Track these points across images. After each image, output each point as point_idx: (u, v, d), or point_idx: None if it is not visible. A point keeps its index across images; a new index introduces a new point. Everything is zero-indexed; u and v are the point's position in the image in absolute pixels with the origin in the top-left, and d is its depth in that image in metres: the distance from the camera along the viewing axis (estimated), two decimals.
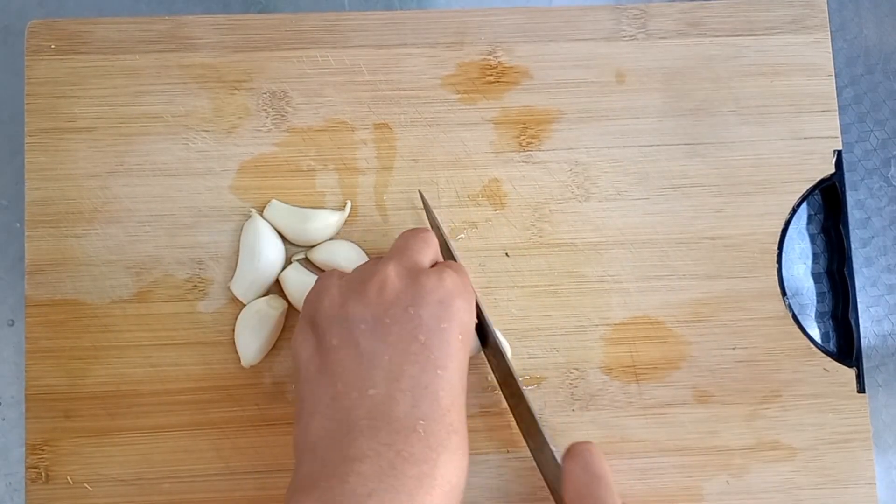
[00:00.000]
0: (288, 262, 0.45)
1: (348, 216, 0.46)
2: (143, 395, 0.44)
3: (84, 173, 0.46)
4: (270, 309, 0.44)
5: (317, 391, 0.35)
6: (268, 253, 0.44)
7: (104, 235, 0.45)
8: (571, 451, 0.39)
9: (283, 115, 0.46)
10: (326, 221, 0.45)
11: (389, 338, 0.35)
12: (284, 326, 0.45)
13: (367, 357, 0.35)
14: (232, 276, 0.45)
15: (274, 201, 0.46)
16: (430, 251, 0.39)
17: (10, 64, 0.49)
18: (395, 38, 0.47)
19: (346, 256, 0.45)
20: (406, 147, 0.47)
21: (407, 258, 0.38)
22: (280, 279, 0.45)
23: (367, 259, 0.45)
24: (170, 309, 0.45)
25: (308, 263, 0.46)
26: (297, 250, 0.46)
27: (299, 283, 0.44)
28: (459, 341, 0.35)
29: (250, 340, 0.44)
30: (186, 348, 0.45)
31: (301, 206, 0.46)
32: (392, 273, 0.36)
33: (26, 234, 0.45)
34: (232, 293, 0.45)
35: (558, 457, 0.40)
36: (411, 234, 0.39)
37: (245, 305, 0.44)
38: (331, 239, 0.46)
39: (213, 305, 0.45)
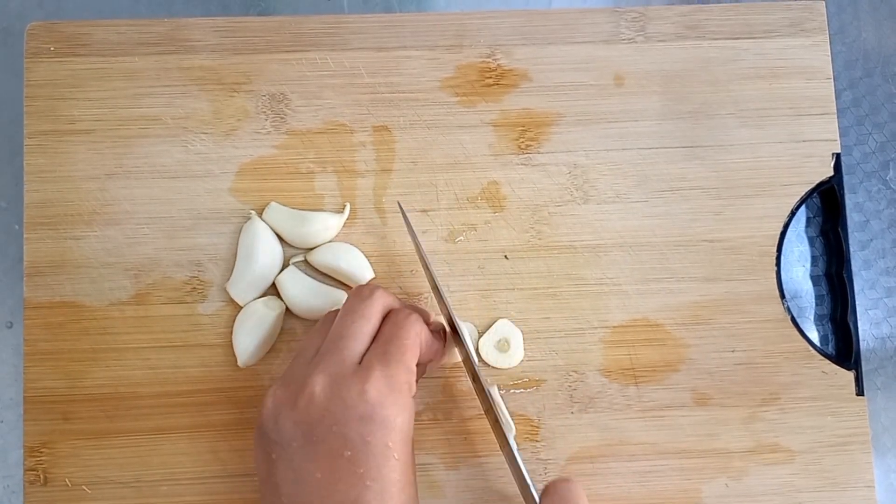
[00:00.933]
0: (286, 265, 0.45)
1: (347, 218, 0.46)
2: (142, 398, 0.44)
3: (83, 175, 0.46)
4: (268, 310, 0.44)
5: (267, 496, 0.37)
6: (265, 255, 0.44)
7: (103, 237, 0.45)
8: (549, 489, 0.38)
9: (282, 118, 0.46)
10: (325, 224, 0.45)
11: (318, 456, 0.36)
12: (283, 328, 0.45)
13: (301, 473, 0.36)
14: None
15: (273, 203, 0.46)
16: (368, 328, 0.39)
17: (10, 66, 0.49)
18: (395, 40, 0.47)
19: (345, 259, 0.45)
20: (405, 149, 0.47)
21: (334, 361, 0.37)
22: (276, 283, 0.44)
23: (366, 260, 0.45)
24: (168, 311, 0.45)
25: (307, 266, 0.46)
26: (296, 252, 0.46)
27: (295, 287, 0.44)
28: (388, 449, 0.36)
29: (247, 341, 0.44)
30: (185, 350, 0.45)
31: (300, 209, 0.46)
32: (317, 388, 0.36)
33: (25, 236, 0.45)
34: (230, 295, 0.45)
35: (536, 495, 0.39)
36: (348, 316, 0.39)
37: (243, 307, 0.44)
38: (330, 241, 0.46)
39: (212, 307, 0.45)
